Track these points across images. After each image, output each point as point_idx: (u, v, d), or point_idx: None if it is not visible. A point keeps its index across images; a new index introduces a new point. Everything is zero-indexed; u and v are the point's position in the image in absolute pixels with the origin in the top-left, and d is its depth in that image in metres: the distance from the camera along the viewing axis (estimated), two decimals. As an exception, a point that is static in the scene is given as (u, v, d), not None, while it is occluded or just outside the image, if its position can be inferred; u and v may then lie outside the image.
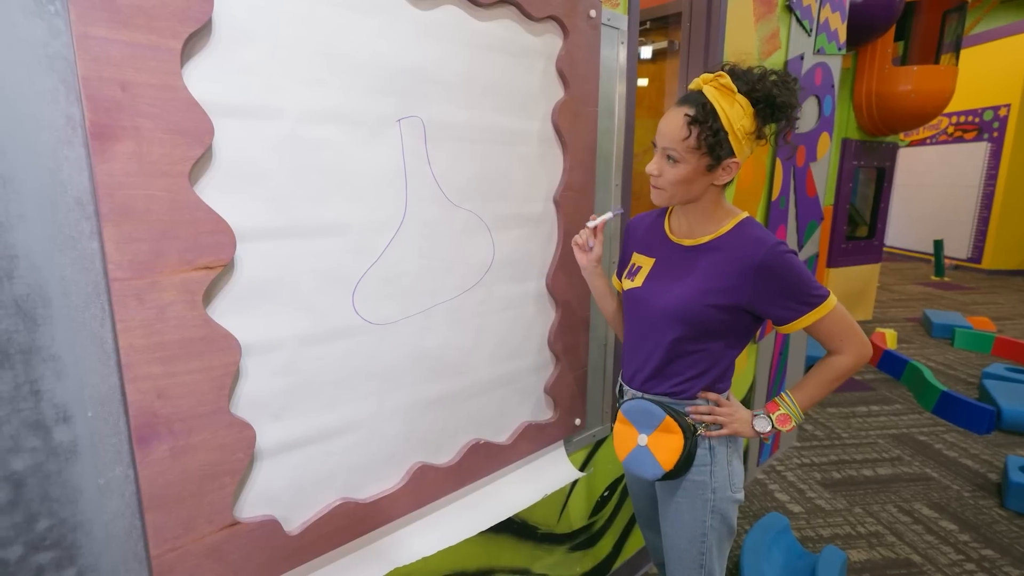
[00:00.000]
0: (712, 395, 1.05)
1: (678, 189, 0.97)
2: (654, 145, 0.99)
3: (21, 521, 0.65)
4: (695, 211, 1.02)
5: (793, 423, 1.03)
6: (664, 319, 1.02)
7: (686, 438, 1.02)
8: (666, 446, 1.03)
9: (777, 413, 1.04)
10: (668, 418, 1.03)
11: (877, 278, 5.37)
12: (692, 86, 0.96)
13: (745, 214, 1.03)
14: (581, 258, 1.15)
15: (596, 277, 1.19)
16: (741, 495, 1.09)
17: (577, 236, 1.14)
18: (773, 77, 0.92)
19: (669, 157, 0.95)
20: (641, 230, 1.16)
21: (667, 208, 1.14)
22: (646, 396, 1.09)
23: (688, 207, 1.03)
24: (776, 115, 0.93)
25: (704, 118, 0.90)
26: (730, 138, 0.91)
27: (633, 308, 1.10)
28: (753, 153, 1.00)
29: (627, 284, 1.12)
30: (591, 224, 1.12)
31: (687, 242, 1.04)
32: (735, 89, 0.90)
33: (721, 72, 0.92)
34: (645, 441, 1.05)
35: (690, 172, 0.94)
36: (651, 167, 0.98)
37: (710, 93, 0.91)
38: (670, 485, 1.09)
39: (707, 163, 0.93)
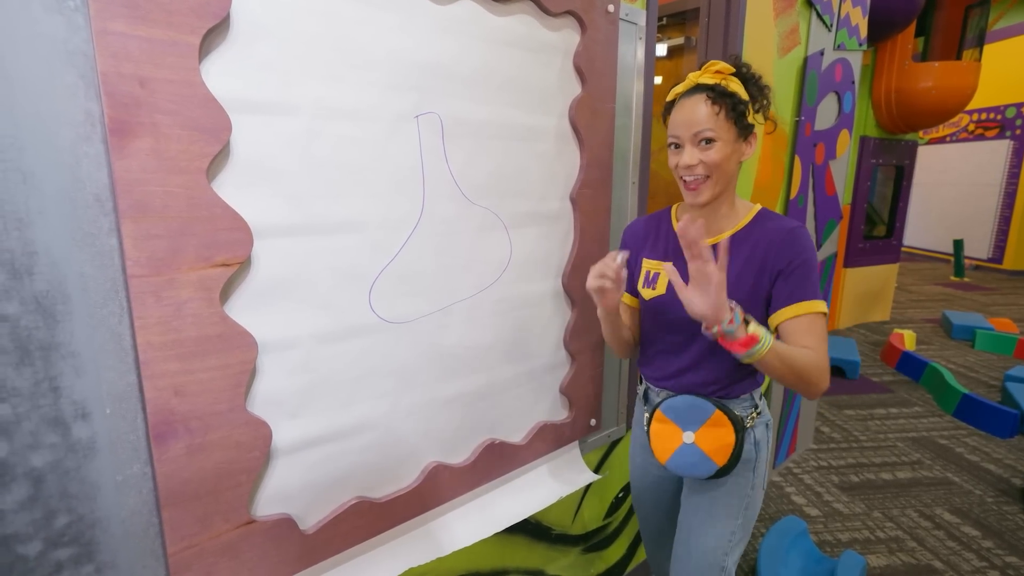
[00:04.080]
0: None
1: (722, 171, 0.95)
2: (673, 145, 0.97)
3: (40, 517, 0.65)
4: (721, 205, 1.00)
5: (755, 348, 0.84)
6: (699, 324, 0.97)
7: (737, 432, 0.98)
8: (718, 441, 0.99)
9: (751, 328, 0.85)
10: (718, 411, 0.99)
11: (895, 278, 5.28)
12: (682, 87, 0.98)
13: (760, 205, 1.02)
14: (607, 301, 0.98)
15: (617, 316, 1.08)
16: None
17: (603, 276, 0.95)
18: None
19: (704, 141, 0.94)
20: (643, 236, 1.12)
21: (668, 209, 1.11)
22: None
23: (718, 201, 1.00)
24: (764, 93, 0.98)
25: (724, 93, 0.93)
26: (749, 109, 0.95)
27: (660, 316, 1.06)
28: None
29: (648, 293, 1.07)
30: (618, 261, 0.95)
31: (708, 241, 1.00)
32: (727, 72, 0.95)
33: (714, 61, 0.97)
34: (692, 439, 1.01)
35: (730, 147, 0.94)
36: (687, 159, 0.95)
37: (709, 80, 0.94)
38: (708, 482, 1.05)
39: (737, 131, 0.95)
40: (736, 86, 0.94)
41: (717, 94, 0.93)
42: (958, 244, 7.15)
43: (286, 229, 0.80)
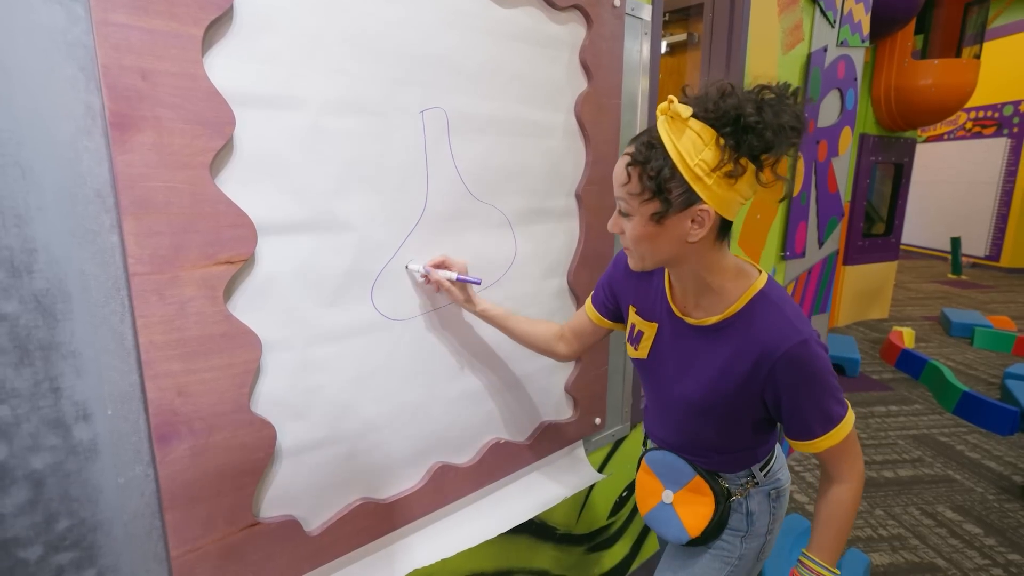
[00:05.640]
0: None
1: (644, 250, 0.78)
2: None
3: (41, 521, 0.63)
4: (689, 281, 0.83)
5: None
6: (677, 406, 0.89)
7: (717, 503, 0.90)
8: (694, 510, 0.91)
9: None
10: (698, 478, 0.92)
11: (894, 276, 5.28)
12: None
13: (762, 282, 0.81)
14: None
15: (477, 314, 1.03)
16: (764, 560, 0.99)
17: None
18: (763, 93, 0.69)
19: (621, 212, 0.78)
20: (636, 278, 0.95)
21: None
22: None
23: (680, 276, 0.84)
24: (751, 139, 0.68)
25: (646, 157, 0.71)
26: (685, 177, 0.70)
27: (642, 376, 0.98)
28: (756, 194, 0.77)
29: (631, 351, 0.98)
30: (412, 267, 0.94)
31: (691, 321, 0.85)
32: (684, 114, 0.69)
33: (671, 97, 0.72)
34: (671, 499, 0.94)
35: (643, 227, 0.75)
36: (610, 224, 0.81)
37: (662, 126, 0.72)
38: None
39: (654, 210, 0.72)
40: (679, 139, 0.69)
41: (632, 159, 0.73)
42: (955, 242, 7.16)
43: (290, 226, 0.78)
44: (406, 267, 0.94)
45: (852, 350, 3.79)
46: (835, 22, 2.11)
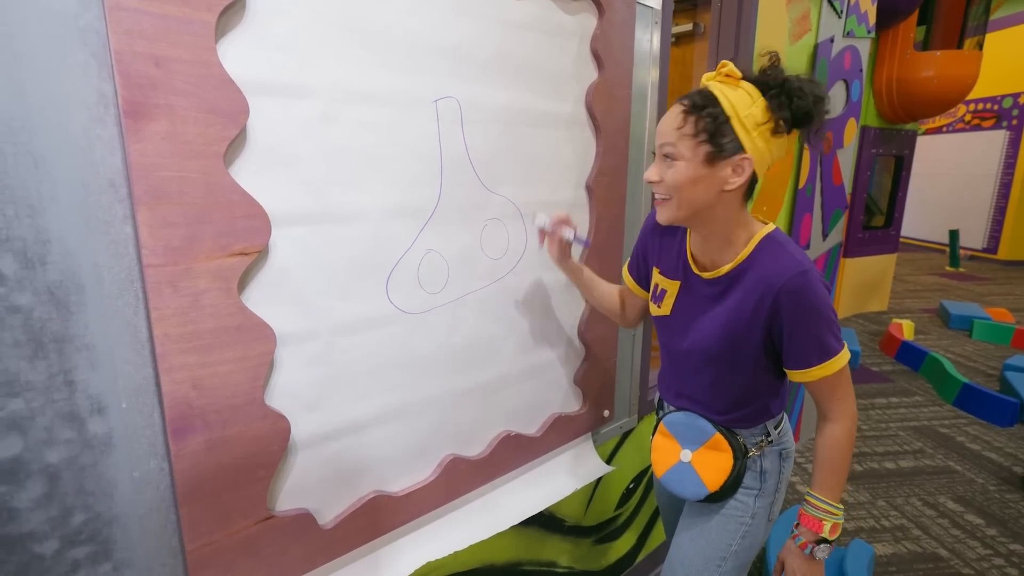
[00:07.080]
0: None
1: (684, 195, 0.83)
2: (654, 154, 0.89)
3: (56, 515, 0.63)
4: (712, 235, 0.89)
5: (839, 520, 0.89)
6: (697, 359, 0.94)
7: (736, 458, 0.94)
8: (713, 465, 0.95)
9: (828, 526, 0.87)
10: (718, 434, 0.95)
11: (893, 268, 5.29)
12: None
13: (768, 228, 0.88)
14: (550, 248, 1.08)
15: (564, 270, 1.12)
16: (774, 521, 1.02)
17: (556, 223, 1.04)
18: (793, 75, 0.81)
19: (667, 156, 0.83)
20: (660, 239, 1.02)
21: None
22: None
23: (704, 230, 0.89)
24: (793, 104, 0.78)
25: (703, 104, 0.79)
26: (735, 126, 0.79)
27: (663, 334, 1.02)
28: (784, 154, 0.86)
29: (654, 309, 1.02)
30: (539, 223, 1.04)
31: (707, 275, 0.91)
32: (739, 75, 0.81)
33: (725, 62, 0.82)
34: (689, 458, 0.97)
35: (692, 169, 0.81)
36: (649, 173, 0.86)
37: (714, 86, 0.81)
38: (705, 502, 1.00)
39: (706, 152, 0.80)
40: (732, 93, 0.79)
41: (691, 105, 0.80)
42: (953, 234, 7.17)
43: (303, 217, 0.77)
44: (535, 215, 1.06)
45: (852, 342, 3.79)
46: (842, 12, 2.09)
